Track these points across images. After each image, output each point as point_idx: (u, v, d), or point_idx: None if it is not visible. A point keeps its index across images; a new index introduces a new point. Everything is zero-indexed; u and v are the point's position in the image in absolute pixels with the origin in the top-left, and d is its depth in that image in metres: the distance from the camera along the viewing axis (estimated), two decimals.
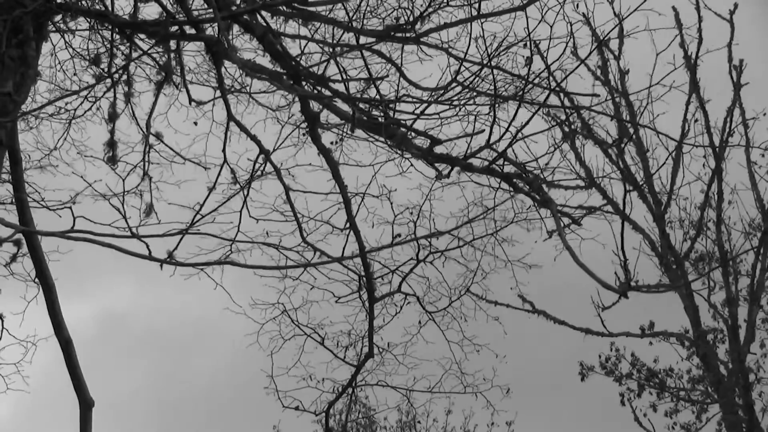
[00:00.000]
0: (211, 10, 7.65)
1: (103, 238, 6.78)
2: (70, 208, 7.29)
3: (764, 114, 14.90)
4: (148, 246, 7.13)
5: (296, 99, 8.16)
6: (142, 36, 7.96)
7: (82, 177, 7.93)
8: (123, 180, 8.19)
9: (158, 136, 8.69)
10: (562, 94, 8.13)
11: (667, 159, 14.95)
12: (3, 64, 6.46)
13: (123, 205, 7.66)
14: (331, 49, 8.06)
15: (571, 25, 7.73)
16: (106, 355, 19.90)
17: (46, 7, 6.80)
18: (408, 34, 7.91)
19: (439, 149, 7.92)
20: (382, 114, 7.97)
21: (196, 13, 7.92)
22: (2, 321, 8.07)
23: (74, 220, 6.98)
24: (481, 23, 7.69)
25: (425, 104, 7.85)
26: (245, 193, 8.34)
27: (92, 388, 6.65)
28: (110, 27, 7.96)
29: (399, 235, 8.61)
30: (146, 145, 8.67)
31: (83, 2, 7.66)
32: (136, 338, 23.42)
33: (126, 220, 7.45)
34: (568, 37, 7.73)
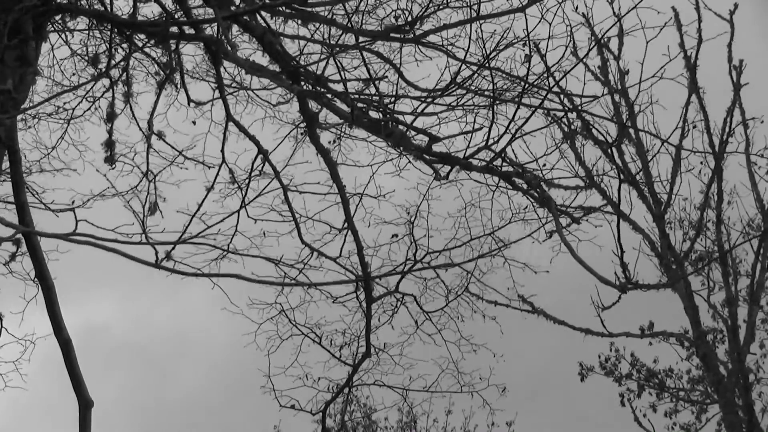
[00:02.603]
0: (210, 10, 7.66)
1: (105, 243, 6.73)
2: (73, 210, 7.25)
3: (761, 122, 14.87)
4: (156, 252, 7.08)
5: (295, 98, 8.17)
6: (142, 36, 7.97)
7: (107, 179, 7.97)
8: (145, 175, 8.19)
9: (160, 135, 8.72)
10: (561, 95, 8.10)
11: (660, 148, 14.89)
12: (3, 62, 6.47)
13: (144, 208, 7.69)
14: (330, 49, 8.06)
15: (570, 27, 7.70)
16: (100, 359, 19.88)
17: (46, 7, 6.80)
18: (407, 35, 7.90)
19: (437, 147, 7.90)
20: (381, 112, 7.96)
21: (195, 13, 7.94)
22: (0, 320, 8.07)
23: (76, 223, 6.92)
24: (480, 24, 7.68)
25: (424, 104, 7.83)
26: (243, 193, 8.37)
27: (90, 390, 6.65)
28: (109, 27, 7.96)
29: (396, 236, 8.63)
30: (148, 144, 8.71)
31: (82, 2, 7.67)
32: (132, 342, 23.45)
33: (142, 225, 7.41)
34: (568, 38, 7.70)
